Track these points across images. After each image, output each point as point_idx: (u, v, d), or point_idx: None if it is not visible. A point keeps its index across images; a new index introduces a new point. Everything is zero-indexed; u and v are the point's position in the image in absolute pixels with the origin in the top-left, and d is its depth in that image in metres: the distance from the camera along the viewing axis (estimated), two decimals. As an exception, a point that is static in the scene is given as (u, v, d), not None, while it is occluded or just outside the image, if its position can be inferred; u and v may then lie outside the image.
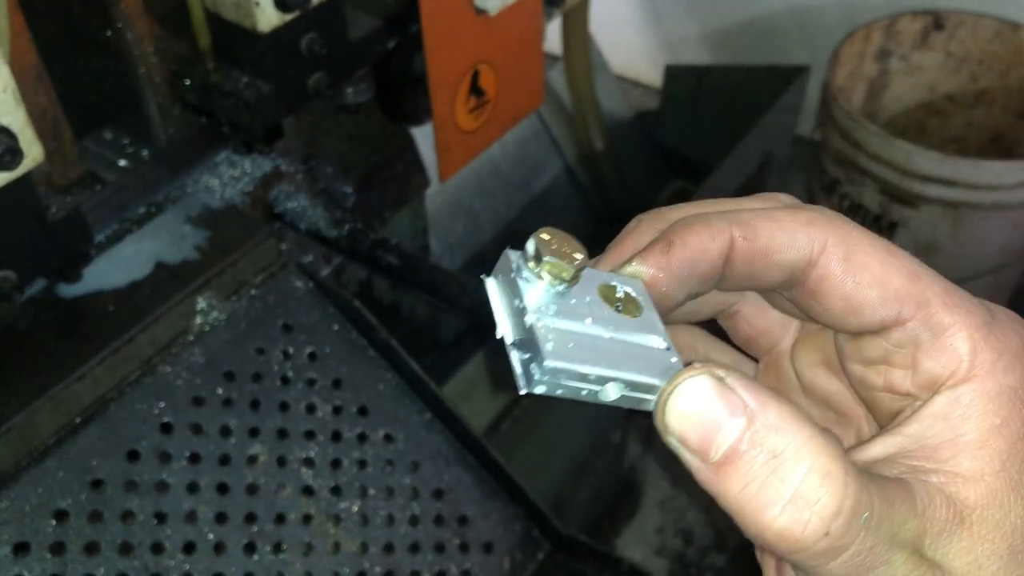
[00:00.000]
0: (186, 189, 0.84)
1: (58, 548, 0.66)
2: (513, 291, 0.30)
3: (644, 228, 0.33)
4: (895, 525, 0.27)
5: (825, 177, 1.56)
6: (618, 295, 0.31)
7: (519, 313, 0.29)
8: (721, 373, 0.27)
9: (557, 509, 0.93)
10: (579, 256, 0.29)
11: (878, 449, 0.30)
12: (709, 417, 0.27)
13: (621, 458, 1.40)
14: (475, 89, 0.96)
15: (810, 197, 1.66)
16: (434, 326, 1.29)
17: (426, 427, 0.83)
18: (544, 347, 0.28)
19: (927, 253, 1.45)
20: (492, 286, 0.31)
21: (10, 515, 0.65)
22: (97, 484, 0.69)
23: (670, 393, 0.28)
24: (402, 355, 0.81)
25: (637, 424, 1.38)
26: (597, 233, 1.71)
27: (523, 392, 0.28)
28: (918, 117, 1.71)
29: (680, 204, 0.34)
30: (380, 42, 0.88)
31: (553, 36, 1.48)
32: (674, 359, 0.30)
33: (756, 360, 0.38)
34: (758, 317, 0.37)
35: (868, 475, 0.27)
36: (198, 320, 0.76)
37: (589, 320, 0.29)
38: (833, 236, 0.30)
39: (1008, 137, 1.68)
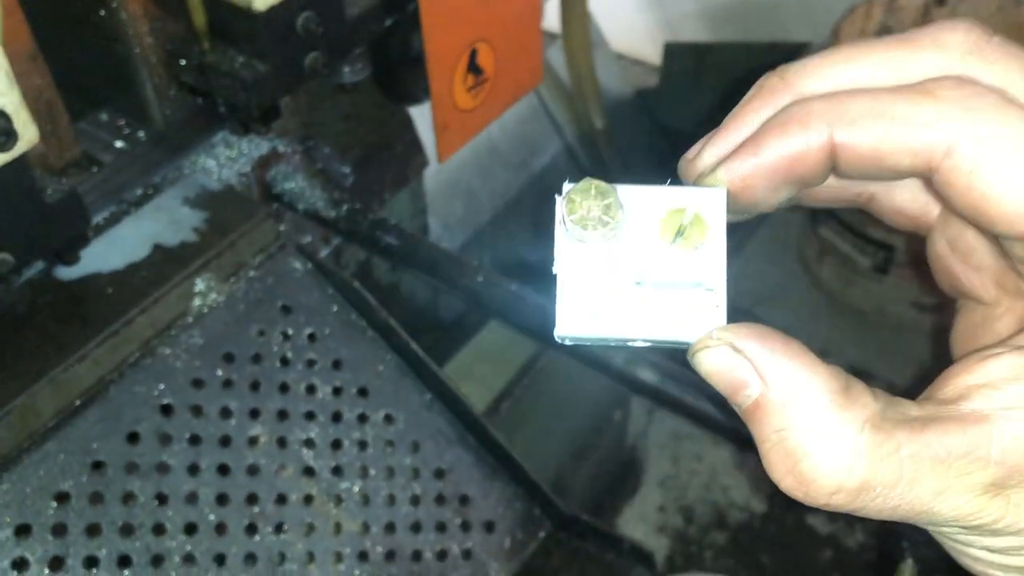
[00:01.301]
0: (183, 170, 0.84)
1: (59, 530, 0.66)
2: (573, 227, 0.29)
3: (761, 102, 0.30)
4: (946, 480, 0.26)
5: (826, 155, 1.55)
6: (685, 219, 0.29)
7: (573, 253, 0.29)
8: (742, 343, 0.27)
9: (558, 488, 0.93)
10: (608, 219, 0.29)
11: (993, 370, 0.27)
12: (729, 381, 0.28)
13: (622, 437, 1.40)
14: (473, 67, 0.96)
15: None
16: (434, 306, 1.29)
17: (426, 407, 0.83)
18: (562, 313, 0.28)
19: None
20: (560, 204, 0.30)
21: (11, 497, 0.65)
22: (98, 466, 0.69)
23: (693, 355, 0.28)
24: (402, 335, 0.81)
25: (639, 403, 1.38)
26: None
27: (556, 336, 0.29)
28: (919, 94, 1.70)
29: (809, 61, 0.30)
30: (377, 20, 0.87)
31: (552, 14, 1.47)
32: (717, 305, 0.29)
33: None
34: (895, 197, 0.33)
35: (905, 438, 0.26)
36: (197, 302, 0.76)
37: (631, 268, 0.29)
38: (966, 133, 0.26)
39: (1010, 113, 1.67)
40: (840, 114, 0.28)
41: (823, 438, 0.26)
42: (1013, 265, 0.31)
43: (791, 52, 1.53)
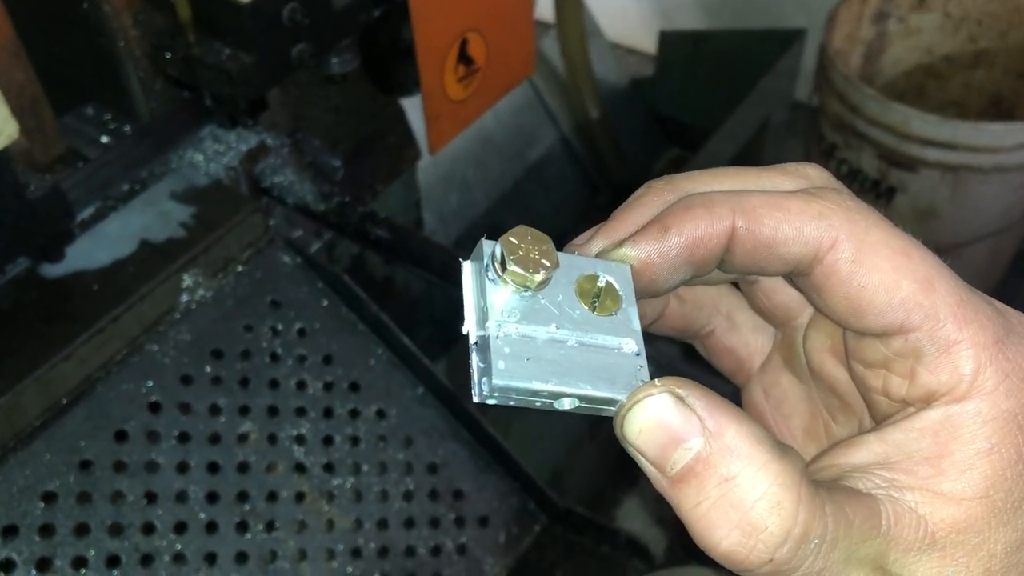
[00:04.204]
0: (170, 165, 0.83)
1: (47, 530, 0.66)
2: (481, 288, 0.28)
3: (651, 199, 0.32)
4: (852, 545, 0.26)
5: (823, 142, 1.54)
6: (599, 284, 0.29)
7: (483, 313, 0.28)
8: (682, 391, 0.27)
9: (554, 481, 0.92)
10: (547, 264, 0.28)
11: (861, 455, 0.29)
12: (667, 435, 0.27)
13: (620, 429, 1.39)
14: (464, 58, 0.95)
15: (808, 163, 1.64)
16: (429, 300, 1.28)
17: (419, 402, 0.82)
18: (495, 364, 0.27)
19: (926, 218, 1.44)
20: (468, 272, 0.29)
21: (-3, 498, 0.65)
22: (85, 465, 0.68)
23: (629, 408, 0.27)
24: (393, 329, 0.80)
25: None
26: (592, 202, 1.70)
27: (475, 400, 0.27)
28: (916, 80, 1.69)
29: (695, 173, 0.32)
30: (364, 10, 0.86)
31: (546, 3, 1.46)
32: (640, 367, 0.29)
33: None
34: (774, 291, 0.35)
35: (825, 496, 0.26)
36: (184, 298, 0.75)
37: (554, 325, 0.28)
38: (845, 232, 0.29)
39: (1008, 99, 1.66)
40: (741, 203, 0.29)
41: (771, 485, 0.26)
42: (823, 416, 0.34)
43: (786, 39, 1.52)
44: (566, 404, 0.28)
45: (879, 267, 0.28)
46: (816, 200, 0.29)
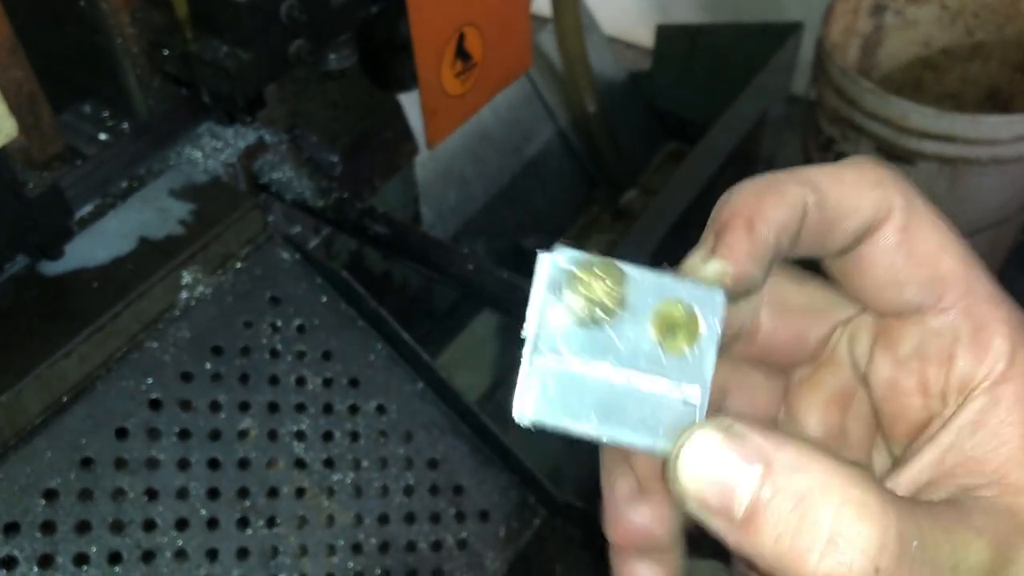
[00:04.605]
0: (168, 162, 0.83)
1: (48, 527, 0.66)
2: (555, 297, 0.26)
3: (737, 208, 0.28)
4: (956, 550, 0.24)
5: (821, 136, 1.54)
6: (679, 314, 0.26)
7: (548, 327, 0.26)
8: (728, 422, 0.25)
9: (553, 475, 0.92)
10: (609, 305, 0.26)
11: (916, 470, 0.27)
12: (724, 472, 0.24)
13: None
14: (461, 52, 0.95)
15: (806, 156, 1.64)
16: (428, 296, 1.28)
17: (419, 397, 0.82)
18: (534, 395, 0.25)
19: (924, 210, 1.44)
20: (544, 268, 0.26)
21: (-1, 496, 0.65)
22: (86, 462, 0.68)
23: (677, 456, 0.25)
24: (392, 325, 0.80)
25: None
26: (590, 196, 1.70)
27: (514, 417, 0.26)
28: (913, 73, 1.69)
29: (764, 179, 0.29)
30: (362, 6, 0.86)
31: (542, -2, 1.46)
32: (695, 416, 0.26)
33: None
34: (774, 332, 0.32)
35: (912, 501, 0.25)
36: (184, 295, 0.75)
37: (612, 360, 0.26)
38: (900, 200, 0.28)
39: (1005, 91, 1.66)
40: (804, 177, 0.28)
41: (850, 488, 0.23)
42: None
43: (784, 32, 1.52)
44: (605, 441, 0.26)
45: (926, 237, 0.28)
46: (867, 168, 0.29)
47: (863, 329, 0.31)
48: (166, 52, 0.79)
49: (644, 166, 1.75)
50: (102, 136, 0.82)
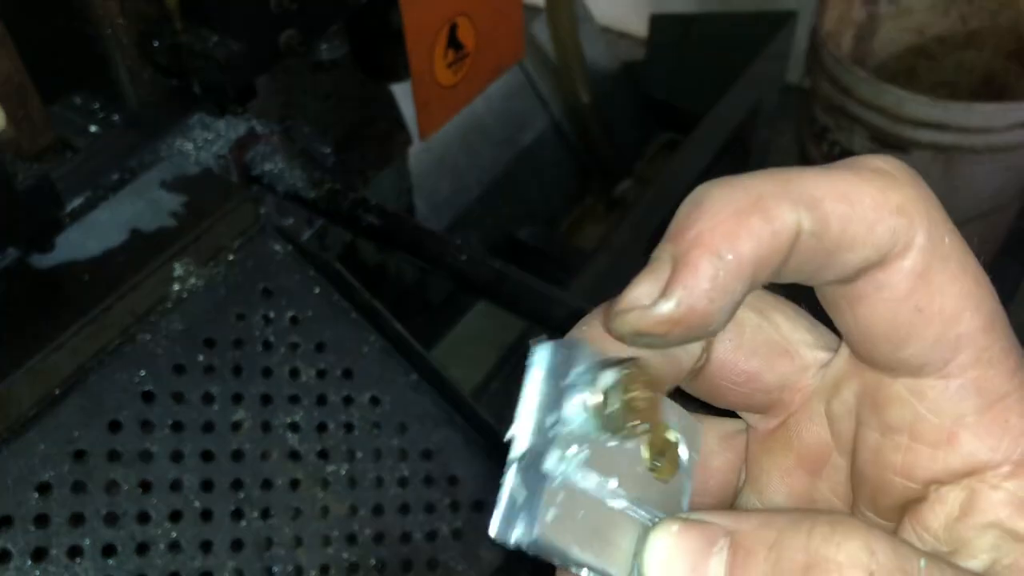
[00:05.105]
0: (159, 153, 0.82)
1: (42, 520, 0.66)
2: (556, 398, 0.23)
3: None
4: None
5: (815, 125, 1.54)
6: (668, 438, 0.25)
7: (546, 433, 0.23)
8: (683, 514, 0.23)
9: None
10: (645, 424, 0.23)
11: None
12: (691, 560, 0.22)
13: (614, 413, 1.39)
14: (453, 42, 0.94)
15: (800, 145, 1.64)
16: (422, 287, 1.28)
17: (413, 388, 0.82)
18: (543, 513, 0.22)
19: (918, 199, 1.44)
20: (542, 358, 0.23)
21: (-9, 489, 0.65)
22: (80, 455, 0.68)
23: (642, 563, 0.23)
24: (385, 316, 0.80)
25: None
26: (584, 187, 1.70)
27: (492, 535, 0.23)
28: (908, 61, 1.69)
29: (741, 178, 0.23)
30: (353, -4, 0.85)
31: (535, -13, 1.45)
32: None
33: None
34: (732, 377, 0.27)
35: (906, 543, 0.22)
36: (176, 287, 0.75)
37: (616, 481, 0.23)
38: (923, 237, 0.22)
39: (999, 79, 1.66)
40: (802, 194, 0.22)
41: (816, 524, 0.21)
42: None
43: (777, 21, 1.52)
44: (584, 573, 0.23)
45: (945, 289, 0.22)
46: (896, 187, 0.22)
47: (849, 378, 0.26)
48: (156, 43, 0.78)
49: (638, 156, 1.75)
50: (92, 128, 0.82)
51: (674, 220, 0.23)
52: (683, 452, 0.25)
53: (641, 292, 0.22)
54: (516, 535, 0.22)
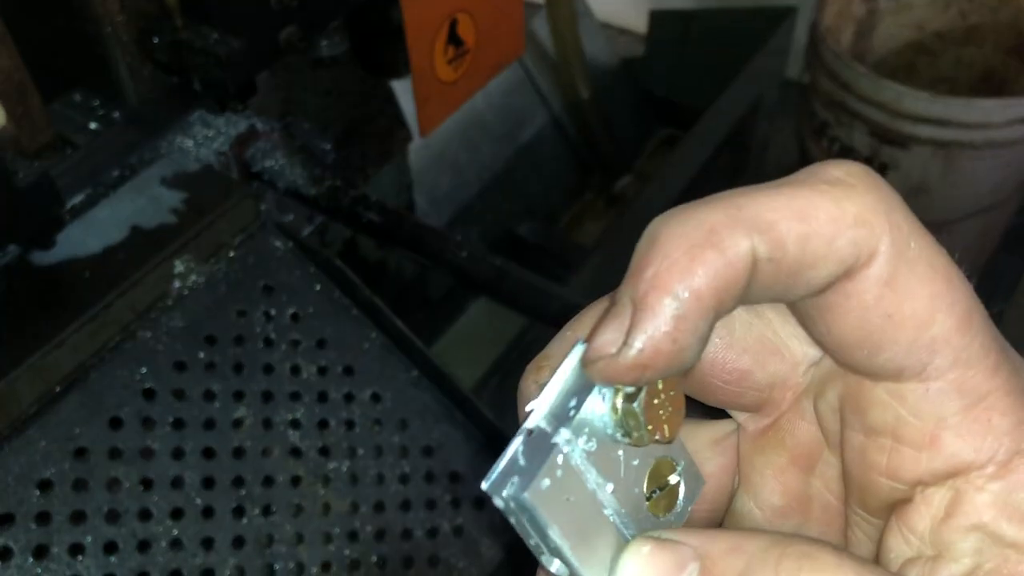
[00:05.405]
0: (160, 150, 0.82)
1: (43, 518, 0.66)
2: (581, 387, 0.24)
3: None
4: None
5: (815, 120, 1.54)
6: (670, 480, 0.25)
7: (564, 415, 0.23)
8: (655, 533, 0.23)
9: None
10: (664, 435, 0.24)
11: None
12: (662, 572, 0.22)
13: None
14: (453, 39, 0.94)
15: (800, 141, 1.64)
16: (423, 283, 1.28)
17: (413, 384, 0.82)
18: (539, 478, 0.22)
19: (918, 194, 1.44)
20: (579, 350, 0.24)
21: (-7, 486, 0.65)
22: (81, 452, 0.68)
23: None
24: (386, 313, 0.80)
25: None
26: (584, 182, 1.70)
27: (483, 487, 0.23)
28: (907, 56, 1.69)
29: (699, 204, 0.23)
30: (353, -8, 0.85)
31: (535, -17, 1.45)
32: None
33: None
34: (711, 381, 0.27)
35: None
36: (176, 284, 0.75)
37: (612, 487, 0.24)
38: (887, 244, 0.22)
39: (999, 74, 1.66)
40: (755, 219, 0.22)
41: (787, 548, 0.22)
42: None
43: (777, 16, 1.52)
44: (555, 566, 0.24)
45: (914, 293, 0.22)
46: (853, 196, 0.22)
47: (834, 378, 0.26)
48: (156, 40, 0.78)
49: (638, 152, 1.75)
50: (93, 125, 0.82)
51: (632, 258, 0.23)
52: (680, 495, 0.26)
53: (606, 340, 0.22)
54: (507, 491, 0.22)
